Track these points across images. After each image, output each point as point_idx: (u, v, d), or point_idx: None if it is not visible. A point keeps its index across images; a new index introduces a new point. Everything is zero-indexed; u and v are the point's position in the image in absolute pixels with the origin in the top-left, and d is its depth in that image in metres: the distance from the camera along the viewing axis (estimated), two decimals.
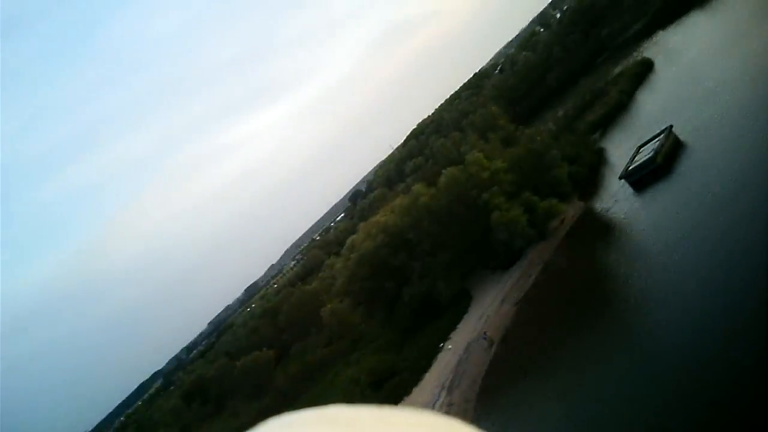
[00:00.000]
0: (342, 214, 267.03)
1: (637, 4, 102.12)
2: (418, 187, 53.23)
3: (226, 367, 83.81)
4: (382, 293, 52.53)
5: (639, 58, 72.66)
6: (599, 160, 54.51)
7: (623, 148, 51.13)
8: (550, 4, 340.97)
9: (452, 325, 46.95)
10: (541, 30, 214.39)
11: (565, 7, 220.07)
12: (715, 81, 45.87)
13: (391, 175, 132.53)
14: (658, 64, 66.23)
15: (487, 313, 44.78)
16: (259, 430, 1.33)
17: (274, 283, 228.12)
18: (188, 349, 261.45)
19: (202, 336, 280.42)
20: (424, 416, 1.41)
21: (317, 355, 66.35)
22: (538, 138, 52.66)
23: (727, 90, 42.35)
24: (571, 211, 47.64)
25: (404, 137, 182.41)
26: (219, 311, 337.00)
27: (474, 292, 49.34)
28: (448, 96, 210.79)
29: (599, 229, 43.93)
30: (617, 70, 74.77)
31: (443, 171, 51.02)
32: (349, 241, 64.27)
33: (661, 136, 43.06)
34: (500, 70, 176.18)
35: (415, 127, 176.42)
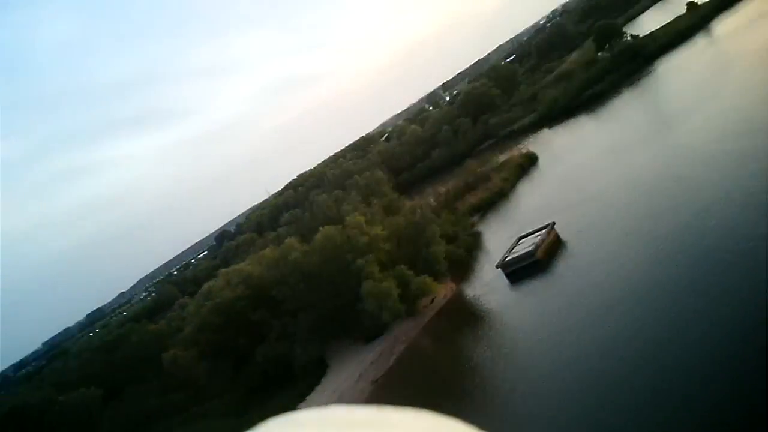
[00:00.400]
0: (205, 252, 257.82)
1: (526, 100, 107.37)
2: (290, 241, 50.29)
3: (49, 399, 74.59)
4: (233, 348, 48.39)
5: (524, 150, 74.77)
6: (476, 243, 54.33)
7: (501, 236, 51.17)
8: (441, 85, 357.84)
9: (301, 396, 43.59)
10: (430, 108, 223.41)
11: (456, 92, 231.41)
12: (598, 188, 47.12)
13: (264, 221, 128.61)
14: (543, 161, 68.36)
15: (341, 388, 41.96)
16: (258, 430, 1.32)
17: (122, 312, 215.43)
18: (17, 366, 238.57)
19: (36, 355, 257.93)
20: (424, 416, 1.40)
21: (151, 404, 60.08)
22: (419, 211, 51.62)
23: (611, 198, 43.43)
24: (443, 291, 46.46)
25: (282, 186, 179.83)
26: (57, 332, 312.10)
27: (331, 362, 46.51)
28: (332, 153, 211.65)
29: (468, 315, 42.87)
30: (502, 158, 76.40)
31: (320, 228, 48.59)
32: (206, 286, 59.73)
33: (543, 231, 43.13)
34: (387, 138, 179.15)
35: (295, 177, 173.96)
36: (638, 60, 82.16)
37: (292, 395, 44.04)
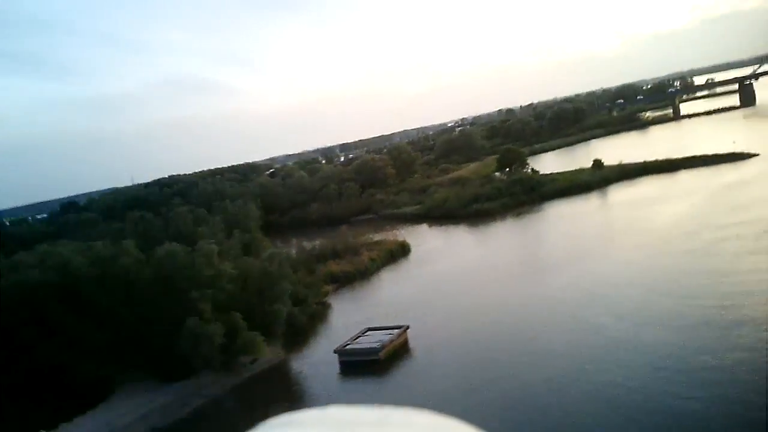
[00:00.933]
0: (45, 216, 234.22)
1: (417, 190, 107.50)
2: (128, 243, 44.48)
3: None
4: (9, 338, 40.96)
5: (400, 238, 73.17)
6: (323, 315, 50.87)
7: (349, 318, 48.04)
8: (339, 144, 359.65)
9: (67, 417, 37.21)
10: (323, 161, 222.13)
11: (351, 156, 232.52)
12: (464, 302, 45.72)
13: (117, 207, 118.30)
14: (415, 254, 66.78)
15: (116, 423, 36.26)
16: (258, 430, 1.33)
17: None
18: None
19: None
20: (423, 416, 1.42)
21: None
22: (278, 261, 47.58)
23: (473, 317, 41.99)
24: (270, 355, 42.27)
25: (151, 179, 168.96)
26: None
27: (120, 389, 40.53)
28: (212, 167, 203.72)
29: (286, 390, 38.87)
30: (376, 237, 74.39)
31: (167, 242, 43.34)
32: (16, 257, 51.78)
33: (394, 331, 40.40)
34: (272, 173, 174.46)
35: (166, 176, 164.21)
36: (533, 194, 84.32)
37: (56, 412, 37.53)
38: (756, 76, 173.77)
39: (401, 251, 67.14)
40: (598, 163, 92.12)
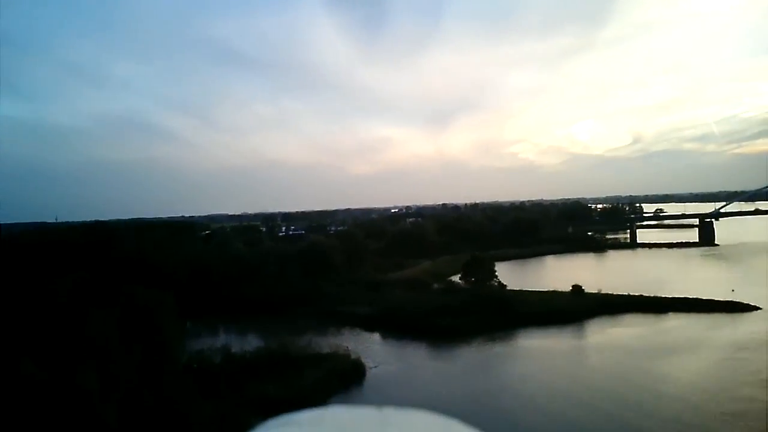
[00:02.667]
0: None
1: (369, 284, 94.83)
2: None
3: None
4: None
5: (352, 354, 58.86)
6: None
7: None
8: (282, 215, 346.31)
9: None
10: (263, 229, 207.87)
11: (294, 228, 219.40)
12: None
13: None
14: (371, 382, 53.23)
15: None
16: (258, 430, 1.32)
17: None
18: None
19: None
20: (423, 416, 1.40)
21: None
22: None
23: None
24: None
25: None
26: None
27: None
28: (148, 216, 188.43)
29: None
30: (322, 343, 60.06)
31: None
32: None
33: None
34: (207, 236, 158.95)
35: (87, 221, 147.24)
36: (505, 316, 72.84)
37: None
38: (717, 215, 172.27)
39: (354, 373, 53.32)
40: (577, 290, 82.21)
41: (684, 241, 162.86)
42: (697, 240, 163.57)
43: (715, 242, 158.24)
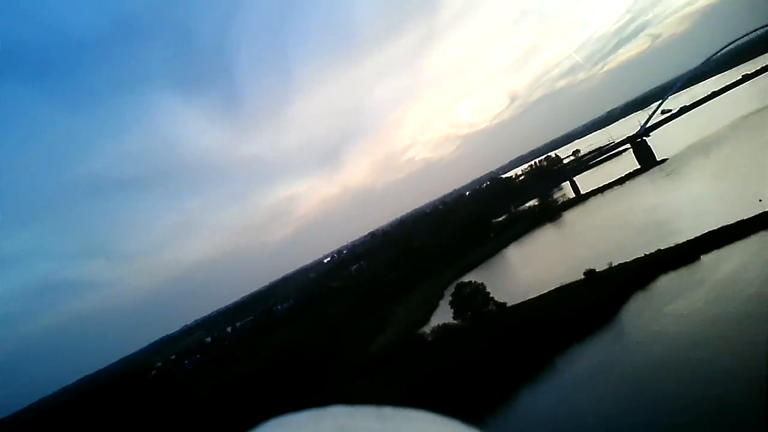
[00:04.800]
0: None
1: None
2: None
3: None
4: None
5: None
6: None
7: None
8: (221, 314, 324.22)
9: None
10: (208, 339, 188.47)
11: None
12: None
13: None
14: None
15: None
16: (259, 430, 1.34)
17: None
18: None
19: None
20: (424, 416, 1.40)
21: None
22: None
23: None
24: None
25: None
26: None
27: None
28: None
29: None
30: None
31: None
32: None
33: None
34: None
35: None
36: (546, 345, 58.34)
37: None
38: (645, 132, 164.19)
39: None
40: (591, 274, 69.22)
41: (629, 172, 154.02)
42: (639, 166, 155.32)
43: (659, 159, 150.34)
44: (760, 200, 65.33)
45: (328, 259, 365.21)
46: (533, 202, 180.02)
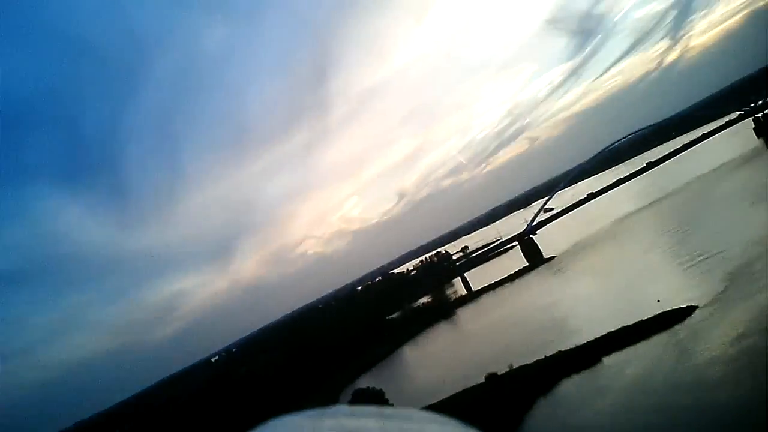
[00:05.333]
0: None
1: None
2: None
3: None
4: None
5: None
6: None
7: None
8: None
9: None
10: None
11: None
12: None
13: None
14: None
15: None
16: (259, 430, 1.34)
17: None
18: None
19: None
20: (424, 416, 1.41)
21: None
22: None
23: None
24: None
25: None
26: None
27: None
28: None
29: None
30: None
31: None
32: None
33: None
34: None
35: None
36: None
37: None
38: (532, 230, 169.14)
39: None
40: (493, 377, 66.82)
41: (518, 269, 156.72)
42: (526, 263, 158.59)
43: (546, 257, 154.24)
44: (659, 300, 66.13)
45: (216, 358, 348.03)
46: (426, 299, 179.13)
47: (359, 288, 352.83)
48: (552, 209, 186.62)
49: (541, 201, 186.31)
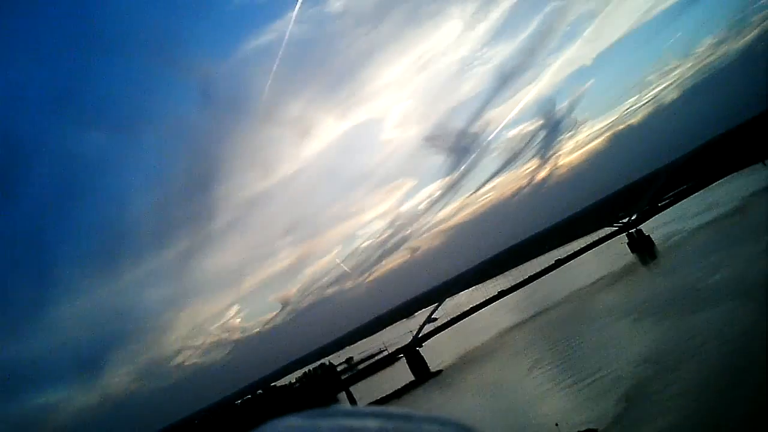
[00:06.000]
0: None
1: None
2: None
3: None
4: None
5: None
6: None
7: None
8: None
9: None
10: None
11: None
12: None
13: None
14: None
15: None
16: (259, 430, 1.35)
17: None
18: None
19: None
20: (423, 416, 1.41)
21: None
22: None
23: None
24: None
25: None
26: None
27: None
28: None
29: None
30: None
31: None
32: None
33: None
34: None
35: None
36: None
37: None
38: (417, 342, 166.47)
39: None
40: None
41: (405, 384, 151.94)
42: (413, 377, 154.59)
43: (433, 371, 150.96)
44: (557, 424, 63.40)
45: None
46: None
47: (238, 402, 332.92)
48: (436, 319, 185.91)
49: (425, 310, 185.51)
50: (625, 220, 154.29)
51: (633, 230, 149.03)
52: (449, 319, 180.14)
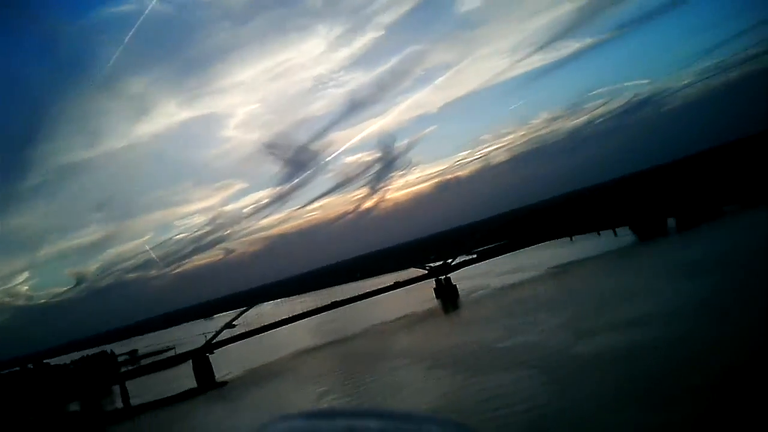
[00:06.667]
0: None
1: None
2: None
3: None
4: None
5: None
6: None
7: None
8: None
9: None
10: None
11: None
12: None
13: None
14: None
15: None
16: (259, 430, 1.35)
17: None
18: None
19: None
20: (422, 417, 1.42)
21: None
22: None
23: None
24: None
25: None
26: None
27: None
28: None
29: None
30: None
31: None
32: None
33: None
34: None
35: None
36: None
37: None
38: (209, 347, 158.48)
39: None
40: None
41: (185, 390, 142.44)
42: (196, 383, 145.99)
43: (218, 380, 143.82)
44: None
45: None
46: (76, 407, 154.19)
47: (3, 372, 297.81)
48: (235, 326, 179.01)
49: (225, 314, 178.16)
50: (433, 264, 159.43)
51: (443, 277, 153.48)
52: (249, 329, 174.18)
